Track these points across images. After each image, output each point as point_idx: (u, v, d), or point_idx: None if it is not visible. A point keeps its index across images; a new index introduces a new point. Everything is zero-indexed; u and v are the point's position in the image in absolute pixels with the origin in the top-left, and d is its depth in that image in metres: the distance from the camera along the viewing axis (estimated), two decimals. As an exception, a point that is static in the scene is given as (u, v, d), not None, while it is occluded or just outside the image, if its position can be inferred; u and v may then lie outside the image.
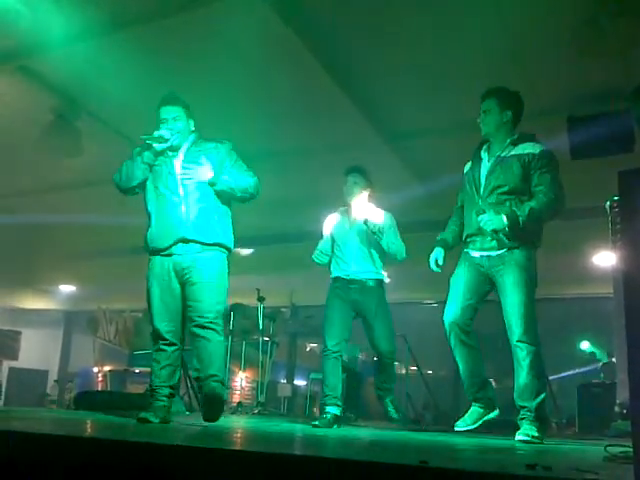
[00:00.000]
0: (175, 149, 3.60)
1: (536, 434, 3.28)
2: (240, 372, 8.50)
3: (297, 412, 8.79)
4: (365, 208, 4.62)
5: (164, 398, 3.45)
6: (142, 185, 3.64)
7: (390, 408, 4.67)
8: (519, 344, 3.44)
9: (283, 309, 10.79)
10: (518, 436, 3.31)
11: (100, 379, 8.39)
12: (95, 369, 8.79)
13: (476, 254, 3.66)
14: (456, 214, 3.96)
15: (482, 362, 3.77)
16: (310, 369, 9.45)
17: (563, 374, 9.62)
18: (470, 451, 2.52)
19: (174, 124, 3.57)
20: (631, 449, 2.10)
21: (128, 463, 1.72)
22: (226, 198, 3.63)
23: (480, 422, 3.68)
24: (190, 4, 4.35)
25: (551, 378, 8.33)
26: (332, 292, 4.63)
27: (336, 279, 4.65)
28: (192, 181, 3.52)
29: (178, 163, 3.57)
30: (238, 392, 8.54)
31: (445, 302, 3.78)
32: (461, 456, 2.28)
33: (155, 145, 3.51)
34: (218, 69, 5.03)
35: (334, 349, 4.43)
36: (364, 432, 4.07)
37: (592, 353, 10.08)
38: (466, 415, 3.72)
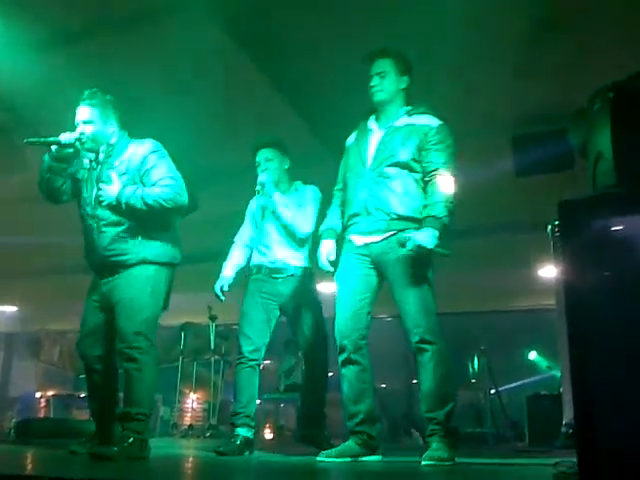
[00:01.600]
0: (94, 156, 3.23)
1: (446, 455, 2.81)
2: (191, 393, 8.34)
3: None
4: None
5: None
6: (69, 193, 3.30)
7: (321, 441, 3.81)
8: (421, 345, 2.96)
9: (235, 327, 10.67)
10: (424, 461, 2.80)
11: (43, 405, 8.06)
12: (38, 394, 8.46)
13: (359, 240, 3.14)
14: (337, 198, 3.43)
15: (372, 389, 3.17)
16: (263, 388, 9.32)
17: (512, 385, 9.79)
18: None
19: (82, 126, 3.18)
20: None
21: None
22: (153, 214, 3.12)
23: (348, 460, 2.98)
24: (138, 20, 4.33)
25: (501, 389, 8.48)
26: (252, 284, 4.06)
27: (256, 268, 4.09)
28: (102, 204, 3.10)
29: (94, 179, 3.20)
30: (189, 414, 8.36)
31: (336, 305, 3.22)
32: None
33: (54, 150, 3.10)
34: (167, 85, 4.99)
35: (251, 357, 3.83)
36: (295, 459, 3.52)
37: (540, 363, 10.31)
38: (335, 448, 3.10)
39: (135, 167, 3.16)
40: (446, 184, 3.02)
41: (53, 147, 3.11)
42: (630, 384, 1.31)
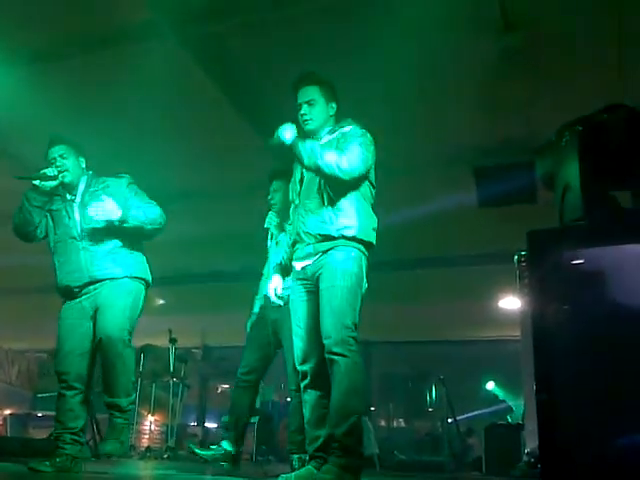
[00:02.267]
0: (70, 189, 3.48)
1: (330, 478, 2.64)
2: (149, 415, 8.18)
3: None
4: None
5: (66, 445, 3.27)
6: (43, 229, 3.52)
7: (295, 465, 3.85)
8: (331, 356, 2.86)
9: (195, 350, 10.55)
10: None
11: None
12: (-5, 419, 8.20)
13: (297, 265, 3.14)
14: (287, 233, 3.52)
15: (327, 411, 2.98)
16: (222, 411, 9.23)
17: (471, 414, 9.87)
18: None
19: (61, 161, 3.43)
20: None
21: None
22: (134, 235, 3.46)
23: None
24: (103, 43, 4.34)
25: (459, 418, 8.54)
26: (257, 314, 4.26)
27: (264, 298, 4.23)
28: (93, 224, 3.36)
29: (76, 207, 3.46)
30: (147, 436, 8.19)
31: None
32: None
33: (39, 184, 3.36)
34: (131, 107, 4.97)
35: (244, 378, 4.02)
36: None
37: (496, 394, 10.44)
38: (295, 472, 2.99)
39: (119, 193, 3.44)
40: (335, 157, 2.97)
41: (37, 181, 3.36)
42: (595, 418, 1.35)
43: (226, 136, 5.46)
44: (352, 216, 3.02)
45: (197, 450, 3.84)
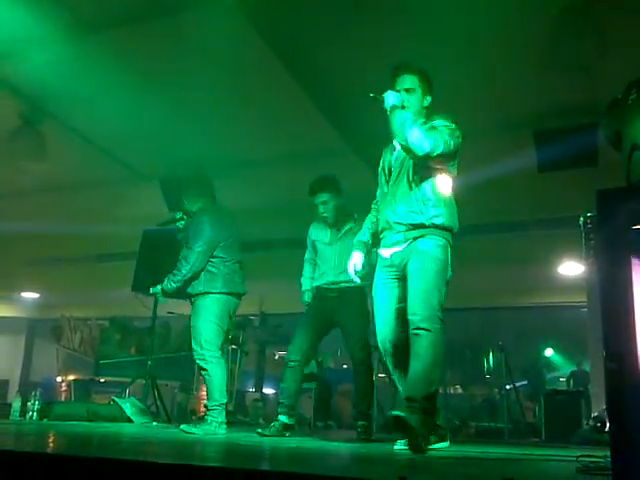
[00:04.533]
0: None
1: (423, 431, 2.91)
2: (208, 381, 8.40)
3: (267, 421, 8.73)
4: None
5: None
6: None
7: (359, 430, 4.40)
8: (417, 331, 3.07)
9: (252, 317, 10.73)
10: (397, 445, 3.06)
11: (64, 389, 8.18)
12: (59, 378, 8.59)
13: (385, 253, 3.35)
14: (373, 211, 3.65)
15: None
16: (279, 378, 9.37)
17: (528, 381, 9.76)
18: (443, 465, 2.52)
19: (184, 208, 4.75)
20: (601, 460, 2.14)
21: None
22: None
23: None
24: (163, 10, 4.33)
25: (517, 385, 8.46)
26: (311, 301, 4.60)
27: (316, 288, 4.58)
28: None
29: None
30: (205, 401, 8.43)
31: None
32: (438, 470, 2.28)
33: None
34: (190, 77, 4.99)
35: (293, 358, 4.40)
36: (332, 445, 3.81)
37: (555, 360, 10.28)
38: None
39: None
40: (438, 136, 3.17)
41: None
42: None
43: (281, 105, 5.44)
44: (440, 205, 3.24)
45: (263, 431, 4.22)
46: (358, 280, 3.59)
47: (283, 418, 4.31)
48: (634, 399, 1.19)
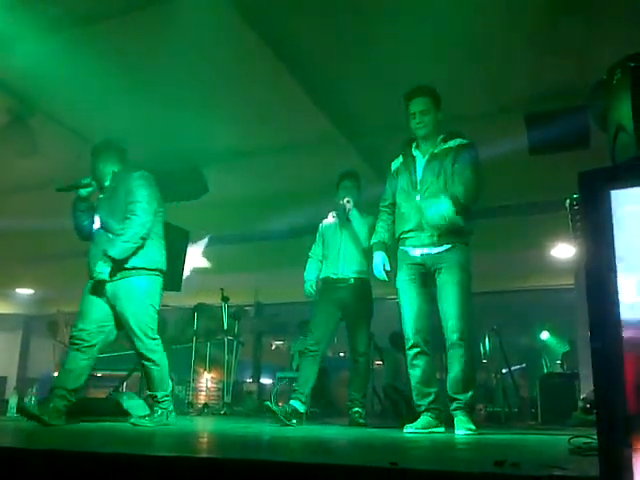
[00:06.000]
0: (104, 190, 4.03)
1: (473, 427, 3.44)
2: (205, 373, 8.43)
3: (265, 411, 8.76)
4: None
5: None
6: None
7: (355, 416, 4.67)
8: (459, 342, 3.53)
9: (247, 308, 10.75)
10: (459, 429, 3.44)
11: (62, 385, 8.21)
12: (55, 374, 8.60)
13: (416, 252, 3.69)
14: (385, 213, 3.98)
15: (436, 372, 3.84)
16: (276, 367, 9.42)
17: (524, 365, 9.79)
18: (434, 449, 2.53)
19: (99, 169, 4.04)
20: (593, 440, 2.15)
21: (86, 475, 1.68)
22: None
23: (428, 431, 3.53)
24: (150, 0, 4.29)
25: (513, 368, 8.50)
26: (321, 293, 4.77)
27: (324, 279, 4.80)
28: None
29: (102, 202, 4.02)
30: (204, 393, 8.46)
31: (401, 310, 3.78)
32: (429, 455, 2.30)
33: (78, 192, 3.99)
34: (181, 69, 4.95)
35: (312, 348, 4.55)
36: (329, 431, 3.97)
37: (551, 343, 10.33)
38: (417, 421, 3.63)
39: (121, 197, 3.87)
40: (470, 183, 3.61)
41: (76, 190, 3.99)
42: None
43: (275, 94, 5.40)
44: (465, 214, 3.58)
45: (273, 407, 4.31)
46: (387, 278, 3.87)
47: (295, 403, 4.40)
48: (619, 378, 1.20)
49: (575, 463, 1.72)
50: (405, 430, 3.53)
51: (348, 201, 4.69)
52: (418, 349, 3.65)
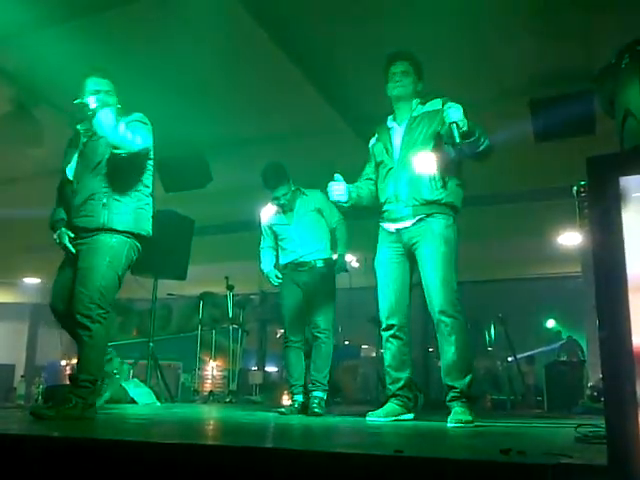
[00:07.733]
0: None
1: (469, 418, 3.09)
2: (211, 361, 8.47)
3: (270, 398, 8.79)
4: None
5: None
6: None
7: (314, 404, 4.32)
8: (443, 319, 3.24)
9: (252, 296, 10.76)
10: (451, 423, 3.07)
11: (68, 372, 8.26)
12: (63, 362, 8.66)
13: (391, 227, 3.47)
14: (358, 181, 3.71)
15: (410, 359, 3.55)
16: (281, 355, 9.43)
17: (530, 352, 9.78)
18: (439, 437, 2.53)
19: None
20: (600, 428, 2.14)
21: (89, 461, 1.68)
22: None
23: (392, 419, 3.34)
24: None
25: (519, 356, 8.49)
26: (284, 281, 4.62)
27: (285, 265, 4.68)
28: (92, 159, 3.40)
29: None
30: (209, 381, 8.51)
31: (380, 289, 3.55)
32: (434, 443, 2.29)
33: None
34: (181, 57, 4.95)
35: (293, 338, 4.53)
36: (330, 420, 3.87)
37: (558, 331, 10.29)
38: (381, 409, 3.45)
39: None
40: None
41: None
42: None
43: (271, 84, 5.38)
44: (450, 183, 3.34)
45: (283, 410, 4.36)
46: (343, 202, 3.54)
47: (300, 398, 4.47)
48: (627, 367, 1.18)
49: (581, 451, 1.71)
50: (368, 418, 3.34)
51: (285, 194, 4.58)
52: (391, 332, 3.46)
